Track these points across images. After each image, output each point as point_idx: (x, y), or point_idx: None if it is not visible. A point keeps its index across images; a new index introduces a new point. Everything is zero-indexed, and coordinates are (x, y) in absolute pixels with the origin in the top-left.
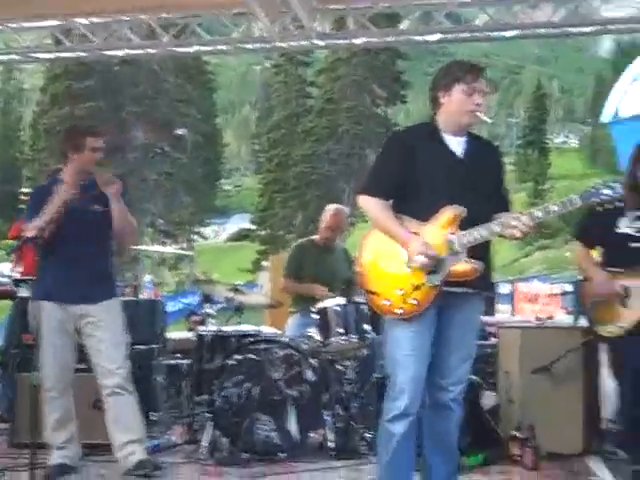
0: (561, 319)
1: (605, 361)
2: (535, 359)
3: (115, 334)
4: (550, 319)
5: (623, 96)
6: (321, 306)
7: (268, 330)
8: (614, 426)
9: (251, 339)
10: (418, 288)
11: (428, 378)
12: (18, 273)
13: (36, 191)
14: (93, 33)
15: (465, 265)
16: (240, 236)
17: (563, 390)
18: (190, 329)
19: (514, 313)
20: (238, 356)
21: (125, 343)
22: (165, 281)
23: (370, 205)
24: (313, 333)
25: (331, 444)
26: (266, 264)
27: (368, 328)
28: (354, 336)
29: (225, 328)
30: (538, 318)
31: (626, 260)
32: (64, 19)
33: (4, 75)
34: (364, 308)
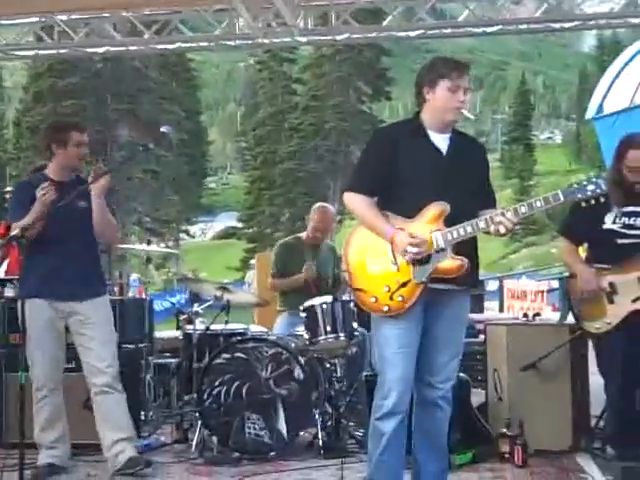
0: (548, 316)
1: (593, 357)
2: (523, 356)
3: (104, 332)
4: (538, 316)
5: (607, 92)
6: (309, 304)
7: (256, 329)
8: (602, 423)
9: (239, 338)
10: (404, 285)
11: (417, 376)
12: (2, 272)
13: (19, 187)
14: (74, 30)
15: (451, 261)
16: (227, 234)
17: (552, 387)
18: (178, 328)
19: (502, 310)
20: (227, 355)
21: (114, 341)
22: (152, 280)
23: (355, 202)
24: (301, 331)
25: (321, 442)
26: (253, 262)
27: (356, 326)
28: (342, 334)
29: (213, 327)
30: (525, 315)
31: (612, 256)
32: (45, 16)
33: None
34: (351, 306)
